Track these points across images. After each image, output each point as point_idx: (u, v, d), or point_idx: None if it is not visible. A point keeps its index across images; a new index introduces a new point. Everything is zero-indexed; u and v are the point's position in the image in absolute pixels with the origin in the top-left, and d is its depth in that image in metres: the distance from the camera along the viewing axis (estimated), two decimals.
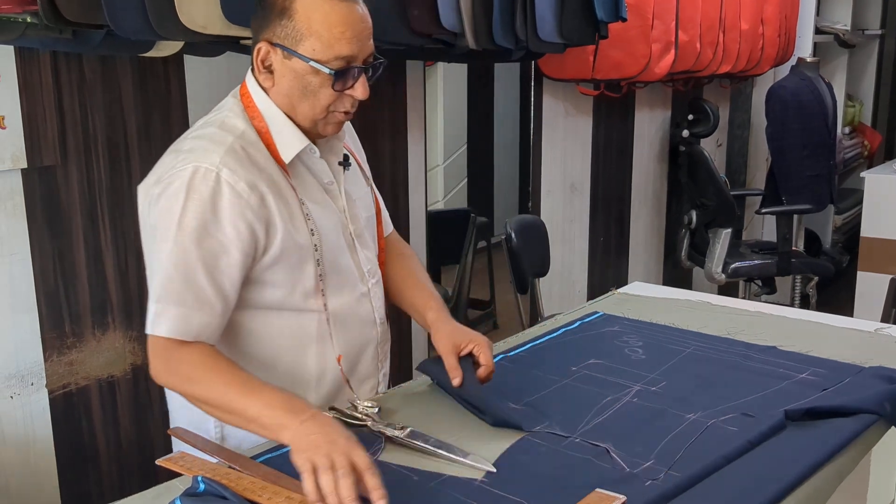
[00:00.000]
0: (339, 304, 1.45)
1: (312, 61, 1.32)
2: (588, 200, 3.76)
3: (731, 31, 3.85)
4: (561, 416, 1.42)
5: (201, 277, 1.29)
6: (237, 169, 1.31)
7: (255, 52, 1.36)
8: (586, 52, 3.24)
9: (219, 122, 1.38)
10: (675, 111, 4.26)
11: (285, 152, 1.38)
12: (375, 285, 1.54)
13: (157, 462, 1.29)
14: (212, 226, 1.29)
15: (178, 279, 1.29)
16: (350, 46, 1.32)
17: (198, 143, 1.34)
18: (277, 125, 1.38)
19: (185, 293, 1.29)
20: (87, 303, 1.96)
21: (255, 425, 1.25)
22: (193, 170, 1.29)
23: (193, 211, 1.28)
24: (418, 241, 2.93)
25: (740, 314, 1.97)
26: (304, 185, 1.41)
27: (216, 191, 1.29)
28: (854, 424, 1.37)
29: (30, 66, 1.79)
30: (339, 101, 1.37)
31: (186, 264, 1.29)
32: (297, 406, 1.24)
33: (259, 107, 1.39)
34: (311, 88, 1.35)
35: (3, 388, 1.84)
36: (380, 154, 2.71)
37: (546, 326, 1.92)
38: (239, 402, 1.25)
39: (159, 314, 1.29)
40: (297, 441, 1.17)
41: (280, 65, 1.35)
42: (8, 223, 1.80)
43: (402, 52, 2.47)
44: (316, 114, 1.38)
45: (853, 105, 5.50)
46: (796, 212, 4.05)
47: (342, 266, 1.46)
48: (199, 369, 1.29)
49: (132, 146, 2.00)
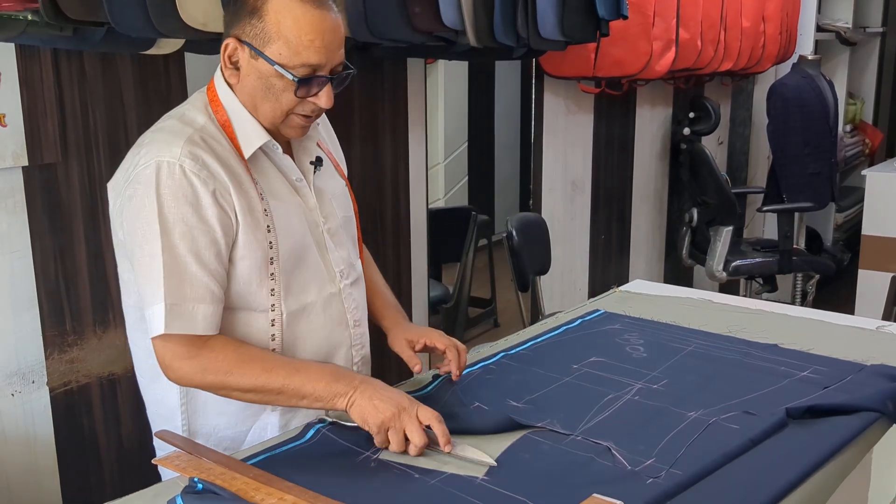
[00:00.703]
0: (301, 303, 1.43)
1: (278, 65, 1.31)
2: (589, 198, 3.76)
3: (733, 28, 3.85)
4: (562, 414, 1.42)
5: (196, 269, 1.29)
6: (198, 158, 1.31)
7: (223, 48, 1.35)
8: (587, 50, 3.24)
9: (179, 115, 1.39)
10: (677, 109, 4.26)
11: (246, 146, 1.37)
12: (351, 286, 1.51)
13: (154, 461, 1.30)
14: (191, 217, 1.29)
15: (175, 276, 1.29)
16: (318, 55, 1.31)
17: (158, 136, 1.35)
18: (240, 119, 1.38)
19: (186, 288, 1.29)
20: (88, 300, 1.96)
21: (309, 400, 1.32)
22: (157, 165, 1.29)
23: (168, 206, 1.28)
24: (419, 239, 2.93)
25: (741, 312, 1.97)
26: (268, 181, 1.40)
27: (183, 182, 1.29)
28: (855, 422, 1.37)
29: (30, 64, 1.79)
30: (301, 106, 1.36)
31: (178, 260, 1.29)
32: (344, 374, 1.34)
33: (223, 101, 1.39)
34: (273, 91, 1.34)
35: (5, 385, 1.84)
36: (381, 152, 2.71)
37: (547, 324, 1.91)
38: (290, 382, 1.31)
39: (170, 312, 1.28)
40: (358, 408, 1.30)
41: (246, 63, 1.34)
42: (9, 220, 1.80)
43: (403, 50, 2.47)
44: (276, 116, 1.37)
45: (854, 103, 5.50)
46: (797, 210, 4.05)
47: (308, 264, 1.44)
48: (233, 360, 1.31)
49: (133, 144, 1.99)
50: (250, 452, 1.31)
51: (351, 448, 1.32)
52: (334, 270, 1.48)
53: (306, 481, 1.19)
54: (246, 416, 1.44)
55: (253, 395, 1.33)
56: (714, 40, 3.72)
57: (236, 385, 1.32)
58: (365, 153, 2.64)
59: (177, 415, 1.44)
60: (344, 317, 1.50)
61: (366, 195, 2.62)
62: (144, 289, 1.31)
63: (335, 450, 1.32)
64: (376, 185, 2.72)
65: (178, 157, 1.30)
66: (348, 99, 2.51)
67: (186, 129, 1.34)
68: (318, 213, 1.47)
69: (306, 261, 1.44)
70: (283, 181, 1.43)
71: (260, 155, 1.40)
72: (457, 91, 5.43)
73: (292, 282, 1.42)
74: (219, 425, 1.44)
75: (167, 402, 1.44)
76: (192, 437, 1.44)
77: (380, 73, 2.66)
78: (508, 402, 1.48)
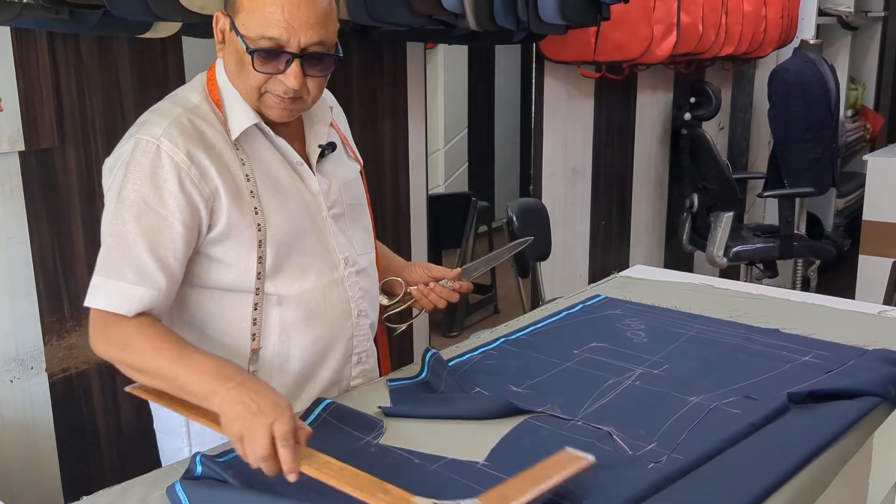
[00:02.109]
0: (296, 289, 1.39)
1: (240, 36, 1.28)
2: (590, 184, 3.75)
3: (734, 12, 3.83)
4: (563, 399, 1.41)
5: (142, 251, 1.26)
6: (179, 140, 1.28)
7: (214, 20, 1.34)
8: (588, 34, 3.22)
9: (173, 96, 1.38)
10: (677, 94, 4.24)
11: (234, 127, 1.35)
12: (357, 275, 1.47)
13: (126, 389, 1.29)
14: (152, 198, 1.27)
15: (117, 252, 1.27)
16: (277, 29, 1.25)
17: (148, 117, 1.34)
18: (231, 99, 1.36)
19: (124, 267, 1.26)
20: (86, 286, 1.93)
21: (186, 393, 1.22)
22: (135, 142, 1.29)
23: (133, 183, 1.27)
24: (419, 225, 2.92)
25: (743, 297, 1.96)
26: (262, 162, 1.37)
27: (155, 163, 1.27)
28: (857, 407, 1.37)
29: (26, 48, 1.77)
30: (272, 84, 1.31)
31: (126, 238, 1.26)
32: (226, 372, 1.20)
33: (218, 79, 1.37)
34: (245, 66, 1.30)
35: (3, 372, 1.84)
36: (380, 137, 2.70)
37: (548, 310, 1.91)
38: (169, 369, 1.22)
39: (98, 287, 1.26)
40: (224, 409, 1.16)
41: (228, 36, 1.33)
42: (6, 206, 1.79)
43: (403, 34, 2.45)
44: (250, 93, 1.33)
45: (856, 88, 5.47)
46: (798, 195, 4.04)
47: (307, 249, 1.40)
48: (133, 338, 1.26)
49: None
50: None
51: (351, 433, 1.31)
52: (338, 257, 1.45)
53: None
54: None
55: (140, 375, 1.27)
56: (715, 24, 3.70)
57: (130, 362, 1.27)
58: (364, 139, 2.63)
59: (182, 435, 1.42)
60: (347, 305, 1.46)
61: (365, 180, 2.61)
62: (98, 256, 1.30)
63: (335, 435, 1.31)
64: (376, 171, 2.70)
65: (157, 136, 1.28)
66: (347, 84, 2.50)
67: (175, 109, 1.33)
68: (322, 199, 1.44)
69: (304, 246, 1.40)
70: (281, 163, 1.40)
71: (257, 135, 1.38)
72: (456, 77, 5.40)
73: (285, 266, 1.38)
74: None
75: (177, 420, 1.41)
76: (191, 424, 1.41)
77: (379, 58, 2.64)
78: (509, 387, 1.47)
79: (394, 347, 1.64)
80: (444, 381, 1.49)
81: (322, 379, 1.47)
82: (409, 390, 1.48)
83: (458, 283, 1.60)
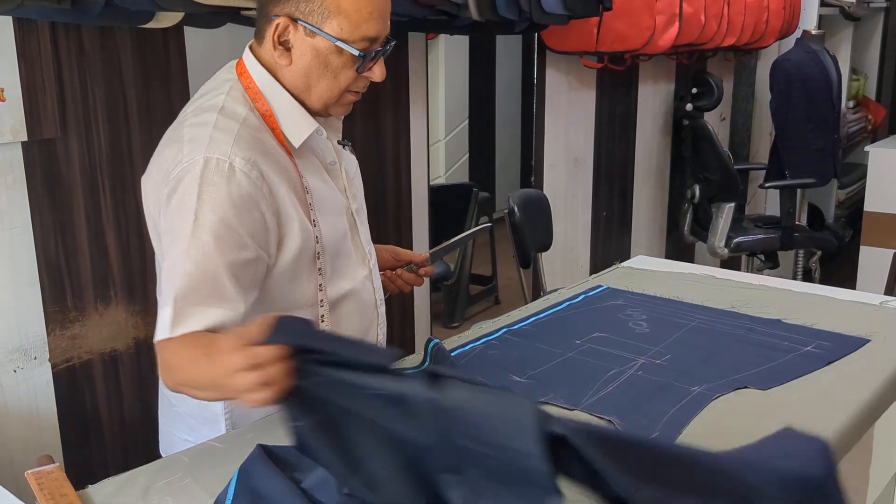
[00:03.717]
0: (341, 291, 1.40)
1: (339, 41, 1.26)
2: (591, 174, 3.74)
3: (736, 3, 3.82)
4: (565, 389, 1.42)
5: (223, 275, 1.19)
6: (249, 157, 1.23)
7: (273, 28, 1.28)
8: (590, 25, 3.21)
9: (218, 108, 1.29)
10: (679, 84, 4.23)
11: (294, 137, 1.32)
12: (374, 265, 1.51)
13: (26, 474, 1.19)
14: (232, 220, 1.20)
15: (198, 278, 1.19)
16: (376, 27, 1.28)
17: (201, 133, 1.25)
18: (283, 108, 1.32)
19: (208, 292, 1.19)
20: (88, 276, 1.96)
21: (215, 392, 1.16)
22: (205, 161, 1.21)
23: (210, 204, 1.20)
24: (420, 215, 2.92)
25: (744, 287, 1.96)
26: (309, 169, 1.36)
27: (231, 182, 1.21)
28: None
29: (28, 38, 1.77)
30: (356, 83, 1.33)
31: (207, 262, 1.19)
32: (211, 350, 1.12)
33: (261, 88, 1.32)
34: (332, 69, 1.29)
35: (7, 362, 1.84)
36: (382, 128, 2.69)
37: (549, 300, 1.91)
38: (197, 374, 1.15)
39: (183, 316, 1.17)
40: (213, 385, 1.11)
41: (300, 42, 1.28)
42: (9, 196, 1.79)
43: (405, 24, 2.44)
44: (332, 95, 1.32)
45: (857, 79, 5.46)
46: (800, 186, 4.04)
47: (344, 250, 1.41)
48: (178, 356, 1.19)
49: (132, 118, 1.98)
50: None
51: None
52: (364, 251, 1.47)
53: None
54: None
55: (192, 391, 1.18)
56: (717, 15, 3.69)
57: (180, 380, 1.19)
58: (366, 129, 2.63)
59: (220, 420, 1.38)
60: (374, 297, 1.49)
61: (367, 172, 2.59)
62: (165, 288, 1.21)
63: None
64: (377, 161, 2.70)
65: (228, 154, 1.22)
66: None
67: (231, 123, 1.26)
68: (347, 195, 1.44)
69: (346, 246, 1.41)
70: (319, 166, 1.39)
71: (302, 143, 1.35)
72: (457, 68, 5.40)
73: (335, 270, 1.39)
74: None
75: (210, 408, 1.38)
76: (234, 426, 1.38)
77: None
78: (511, 377, 1.48)
79: (395, 338, 1.65)
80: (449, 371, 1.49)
81: None
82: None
83: (423, 269, 1.65)
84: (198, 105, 1.33)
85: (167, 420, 1.50)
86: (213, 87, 1.35)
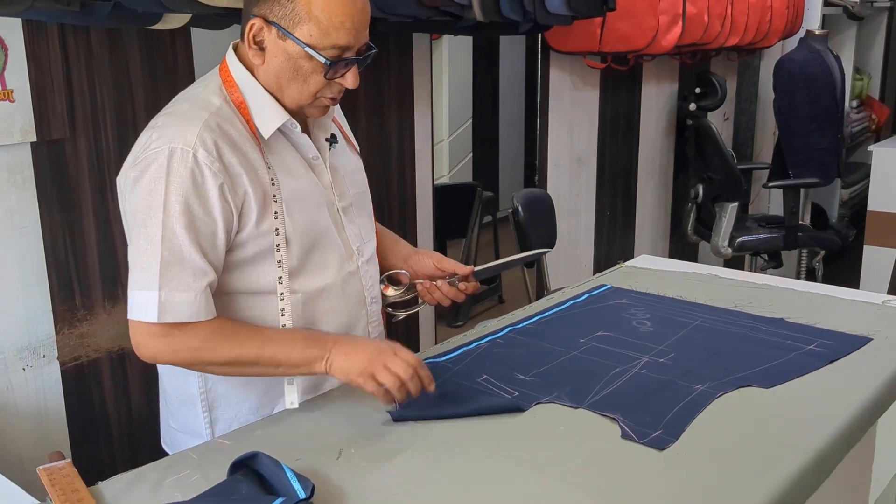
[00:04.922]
0: (319, 283, 1.42)
1: (308, 47, 1.29)
2: (595, 174, 3.75)
3: (740, 3, 3.82)
4: (569, 388, 1.43)
5: (197, 258, 1.28)
6: (212, 147, 1.29)
7: (248, 27, 1.32)
8: (593, 25, 3.22)
9: (192, 98, 1.36)
10: (683, 84, 4.24)
11: (264, 127, 1.36)
12: (367, 263, 1.50)
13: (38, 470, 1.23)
14: (196, 207, 1.28)
15: (175, 264, 1.27)
16: (347, 37, 1.30)
17: (171, 120, 1.32)
18: (257, 100, 1.35)
19: (186, 276, 1.28)
20: (96, 275, 1.97)
21: (285, 367, 1.34)
22: (170, 151, 1.27)
23: (176, 194, 1.26)
24: (425, 215, 2.93)
25: (748, 287, 1.97)
26: (284, 161, 1.39)
27: (195, 172, 1.27)
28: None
29: (38, 40, 1.79)
30: (328, 88, 1.35)
31: (180, 247, 1.27)
32: (317, 338, 1.35)
33: (238, 81, 1.36)
34: (301, 73, 1.32)
35: (16, 360, 1.86)
36: (386, 128, 2.71)
37: (554, 299, 1.92)
38: (263, 353, 1.31)
39: (165, 303, 1.27)
40: (338, 367, 1.31)
41: (273, 44, 1.32)
42: (18, 196, 1.81)
43: (409, 25, 2.46)
44: (303, 98, 1.35)
45: (861, 78, 5.46)
46: (803, 185, 4.04)
47: (326, 244, 1.43)
48: (204, 336, 1.30)
49: (140, 119, 2.00)
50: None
51: None
52: (352, 248, 1.47)
53: None
54: (267, 400, 1.45)
55: (228, 368, 1.34)
56: (721, 15, 3.70)
57: (209, 360, 1.32)
58: (371, 129, 2.64)
59: (196, 402, 1.45)
60: (362, 294, 1.49)
61: (371, 171, 2.60)
62: (136, 272, 1.30)
63: None
64: (382, 160, 2.72)
65: (192, 144, 1.27)
66: None
67: (201, 113, 1.32)
68: (333, 191, 1.45)
69: (324, 240, 1.42)
70: (299, 160, 1.41)
71: (277, 135, 1.39)
72: (461, 67, 5.40)
73: (308, 263, 1.40)
74: (241, 411, 1.45)
75: (187, 390, 1.45)
76: (214, 423, 1.45)
77: (385, 49, 2.65)
78: (516, 375, 1.49)
79: (400, 337, 1.66)
80: (455, 369, 1.51)
81: None
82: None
83: (464, 284, 1.57)
84: (179, 96, 1.40)
85: (163, 412, 1.56)
86: (198, 82, 1.42)
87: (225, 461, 1.20)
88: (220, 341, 1.31)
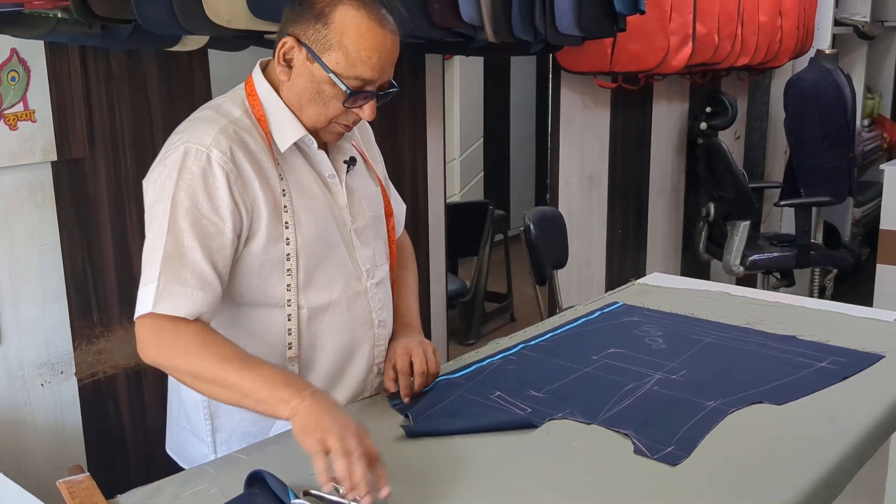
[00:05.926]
0: (325, 299, 1.43)
1: (333, 74, 1.33)
2: (606, 192, 3.77)
3: (750, 23, 3.84)
4: (582, 404, 1.44)
5: (199, 257, 1.29)
6: (227, 149, 1.32)
7: (281, 44, 1.36)
8: (604, 45, 3.24)
9: (215, 107, 1.41)
10: (693, 103, 4.25)
11: (281, 140, 1.39)
12: (377, 286, 1.51)
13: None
14: (204, 205, 1.30)
15: (176, 258, 1.29)
16: (372, 72, 1.33)
17: (192, 125, 1.37)
18: (277, 114, 1.39)
19: (185, 272, 1.28)
20: (114, 293, 2.00)
21: (251, 400, 1.24)
22: (185, 150, 1.32)
23: (185, 190, 1.30)
24: (437, 233, 2.95)
25: (759, 304, 1.98)
26: (298, 177, 1.41)
27: (207, 171, 1.30)
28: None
29: (59, 61, 1.83)
30: (344, 115, 1.39)
31: (183, 243, 1.29)
32: (297, 382, 1.25)
33: (261, 96, 1.41)
34: (322, 96, 1.36)
35: (35, 375, 1.88)
36: (399, 147, 2.73)
37: (566, 316, 1.93)
38: (236, 377, 1.24)
39: (161, 292, 1.27)
40: (301, 419, 1.18)
41: (300, 64, 1.36)
42: (38, 214, 1.84)
43: (422, 46, 2.49)
44: (319, 121, 1.39)
45: (872, 97, 5.47)
46: (815, 204, 4.04)
47: (334, 261, 1.44)
48: (193, 343, 1.27)
49: (158, 139, 2.03)
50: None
51: None
52: (361, 269, 1.48)
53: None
54: None
55: (199, 382, 1.28)
56: (731, 35, 3.72)
57: (185, 368, 1.28)
58: (384, 148, 2.63)
59: (199, 409, 1.47)
60: (369, 316, 1.49)
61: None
62: (145, 267, 1.31)
63: None
64: (395, 179, 2.71)
65: (207, 145, 1.32)
66: None
67: (220, 119, 1.36)
68: (347, 212, 1.47)
69: (332, 257, 1.44)
70: (314, 177, 1.44)
71: (294, 151, 1.42)
72: (472, 87, 5.45)
73: (315, 277, 1.42)
74: (243, 420, 1.46)
75: (193, 396, 1.46)
76: (216, 432, 1.47)
77: (398, 69, 2.67)
78: (529, 391, 1.50)
79: None
80: (467, 385, 1.52)
81: (346, 387, 1.50)
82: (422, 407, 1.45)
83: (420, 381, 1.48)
84: (204, 105, 1.45)
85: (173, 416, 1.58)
86: (223, 95, 1.46)
87: (241, 475, 1.21)
88: (204, 351, 1.27)
